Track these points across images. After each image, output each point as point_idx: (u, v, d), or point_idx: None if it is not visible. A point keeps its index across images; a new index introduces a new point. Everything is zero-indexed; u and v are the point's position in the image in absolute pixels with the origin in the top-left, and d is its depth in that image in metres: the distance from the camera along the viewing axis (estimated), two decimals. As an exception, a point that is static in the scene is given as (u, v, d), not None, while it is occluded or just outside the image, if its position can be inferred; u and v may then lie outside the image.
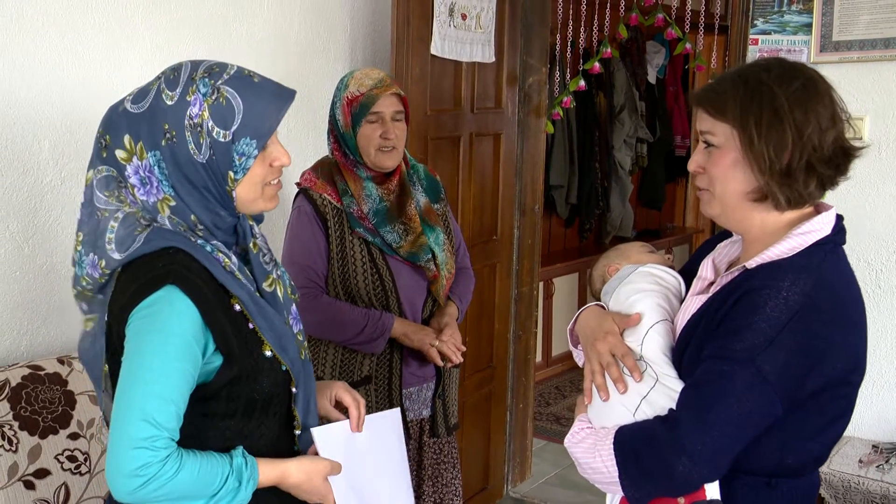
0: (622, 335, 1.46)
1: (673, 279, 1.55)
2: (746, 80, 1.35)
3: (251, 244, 1.48)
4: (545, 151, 3.88)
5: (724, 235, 1.56)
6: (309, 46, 2.90)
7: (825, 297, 1.29)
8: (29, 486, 1.99)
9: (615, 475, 1.35)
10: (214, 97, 1.36)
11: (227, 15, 2.64)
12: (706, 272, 1.48)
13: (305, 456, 1.52)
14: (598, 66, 4.50)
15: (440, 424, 2.40)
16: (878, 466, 2.63)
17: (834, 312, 1.30)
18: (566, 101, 4.47)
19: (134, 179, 1.39)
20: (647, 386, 1.39)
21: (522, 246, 3.66)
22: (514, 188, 3.57)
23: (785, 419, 1.31)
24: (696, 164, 1.41)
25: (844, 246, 1.41)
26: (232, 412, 1.43)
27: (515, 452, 3.83)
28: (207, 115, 1.36)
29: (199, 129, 1.36)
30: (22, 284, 2.22)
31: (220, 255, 1.41)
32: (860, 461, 2.67)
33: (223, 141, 1.36)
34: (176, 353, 1.32)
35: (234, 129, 1.36)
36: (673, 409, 1.34)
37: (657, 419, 1.35)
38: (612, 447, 1.36)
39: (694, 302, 1.43)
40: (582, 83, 4.45)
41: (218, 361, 1.39)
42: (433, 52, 2.97)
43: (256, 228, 1.55)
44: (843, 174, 1.36)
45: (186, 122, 1.36)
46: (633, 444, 1.35)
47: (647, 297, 1.49)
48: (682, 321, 1.44)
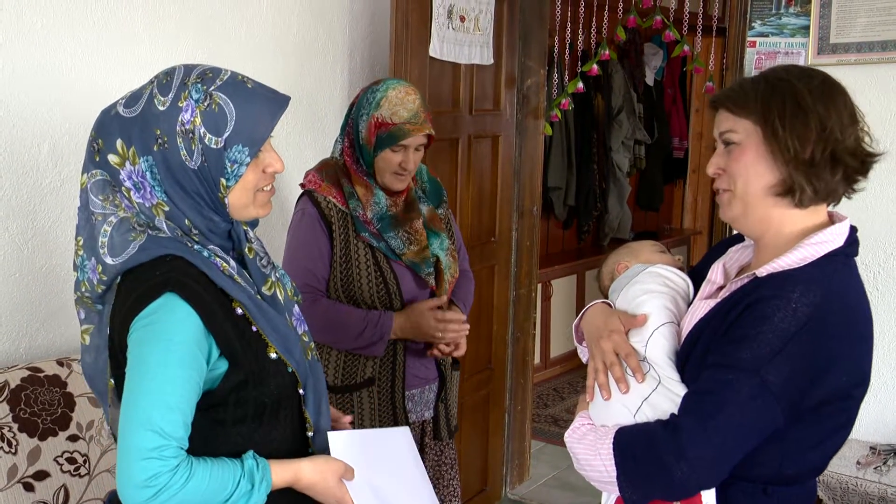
0: (627, 335, 1.46)
1: (681, 281, 1.55)
2: (766, 78, 1.37)
3: (246, 249, 1.47)
4: (543, 153, 3.89)
5: (736, 239, 1.55)
6: (308, 48, 2.91)
7: (834, 309, 1.29)
8: (28, 487, 1.99)
9: (613, 475, 1.36)
10: (207, 103, 1.34)
11: (226, 17, 2.64)
12: (716, 276, 1.47)
13: (319, 455, 1.51)
14: (596, 68, 4.50)
15: (443, 427, 2.40)
16: (875, 468, 2.63)
17: (842, 326, 1.30)
18: (564, 102, 4.48)
19: (128, 184, 1.38)
20: (649, 388, 1.39)
21: (521, 247, 3.67)
22: (512, 190, 3.57)
23: (786, 429, 1.30)
24: (715, 166, 1.40)
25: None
26: (241, 418, 1.42)
27: (514, 454, 3.83)
28: (199, 121, 1.34)
29: (190, 135, 1.34)
30: (21, 286, 2.22)
31: (217, 259, 1.40)
32: (858, 463, 2.67)
33: (215, 148, 1.35)
34: (179, 360, 1.31)
35: (226, 135, 1.35)
36: (674, 413, 1.34)
37: (658, 423, 1.34)
38: (611, 447, 1.37)
39: (702, 306, 1.43)
40: (580, 85, 4.46)
41: (223, 367, 1.38)
42: (432, 54, 2.97)
43: (251, 233, 1.54)
44: (864, 174, 1.37)
45: (178, 128, 1.35)
46: (632, 446, 1.35)
47: (654, 298, 1.49)
48: (688, 325, 1.43)
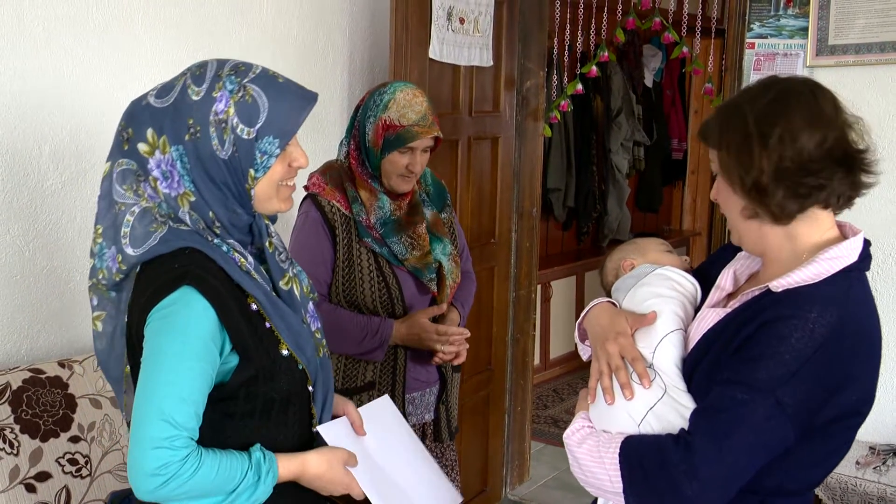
0: (633, 337, 1.43)
1: (690, 285, 1.51)
2: (727, 105, 1.38)
3: (267, 243, 1.50)
4: (543, 155, 3.89)
5: None
6: (307, 51, 2.91)
7: (850, 330, 1.28)
8: (30, 489, 1.99)
9: (618, 487, 1.34)
10: (241, 95, 1.37)
11: (226, 20, 2.65)
12: (726, 283, 1.45)
13: (323, 447, 1.53)
14: (595, 69, 4.51)
15: (444, 429, 2.41)
16: (875, 468, 2.64)
17: (856, 346, 1.29)
18: (563, 104, 4.48)
19: (156, 173, 1.40)
20: (654, 397, 1.36)
21: (520, 249, 3.67)
22: (511, 191, 3.58)
23: (793, 448, 1.30)
24: (713, 193, 1.43)
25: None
26: (251, 412, 1.45)
27: (514, 455, 3.83)
28: (233, 111, 1.37)
29: (223, 125, 1.37)
30: (23, 288, 2.23)
31: (236, 254, 1.42)
32: (857, 463, 2.68)
33: (246, 138, 1.38)
34: (193, 353, 1.34)
35: (258, 126, 1.38)
36: (681, 425, 1.32)
37: (669, 438, 1.32)
38: (617, 457, 1.34)
39: (711, 315, 1.41)
40: (579, 87, 4.46)
41: (234, 361, 1.41)
42: (431, 55, 2.98)
43: (272, 227, 1.56)
44: (853, 183, 1.32)
45: (212, 117, 1.37)
46: (641, 460, 1.32)
47: (664, 303, 1.45)
48: (696, 332, 1.41)
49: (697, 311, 1.48)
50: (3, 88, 2.15)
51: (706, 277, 1.51)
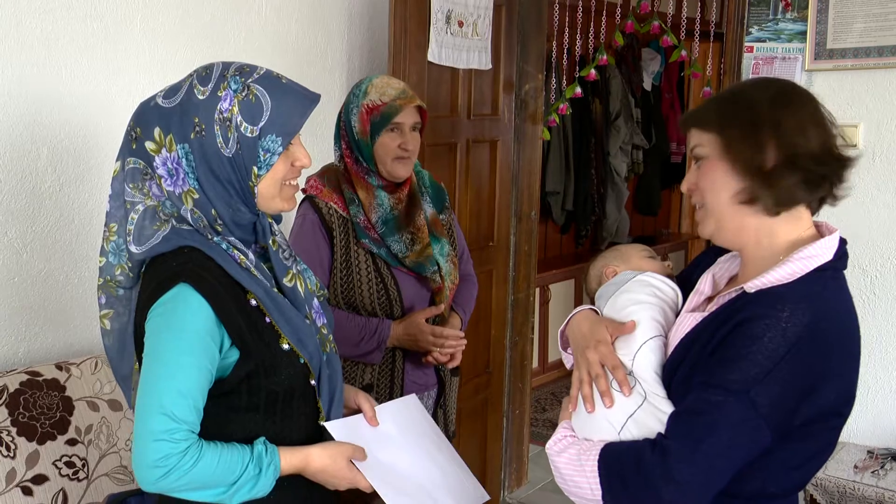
0: (614, 345, 1.43)
1: (671, 291, 1.51)
2: (727, 91, 1.40)
3: (270, 241, 1.52)
4: (541, 158, 3.90)
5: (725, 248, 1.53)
6: (306, 54, 2.91)
7: (824, 328, 1.27)
8: (27, 492, 1.99)
9: (598, 494, 1.34)
10: (245, 94, 1.41)
11: (225, 23, 2.65)
12: (704, 287, 1.45)
13: (327, 441, 1.55)
14: (593, 73, 4.51)
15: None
16: (873, 472, 2.64)
17: (831, 345, 1.29)
18: (562, 107, 4.48)
19: (162, 170, 1.44)
20: (634, 404, 1.36)
21: (519, 252, 3.67)
22: (510, 194, 3.58)
23: (773, 448, 1.29)
24: (688, 182, 1.41)
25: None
26: (254, 406, 1.48)
27: (512, 458, 3.83)
28: (237, 110, 1.41)
29: (227, 123, 1.41)
30: (20, 290, 2.23)
31: (235, 252, 1.46)
32: (855, 467, 2.68)
33: (250, 136, 1.41)
34: (191, 348, 1.38)
35: (261, 125, 1.42)
36: (660, 431, 1.32)
37: (647, 443, 1.32)
38: (596, 465, 1.34)
39: (688, 319, 1.41)
40: (578, 90, 4.47)
41: (234, 356, 1.44)
42: (430, 58, 2.98)
43: (276, 226, 1.59)
44: (836, 179, 1.34)
45: (216, 115, 1.41)
46: (619, 466, 1.33)
47: (643, 309, 1.45)
48: (675, 337, 1.41)
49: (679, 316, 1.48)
50: (1, 90, 2.15)
51: (689, 282, 1.50)
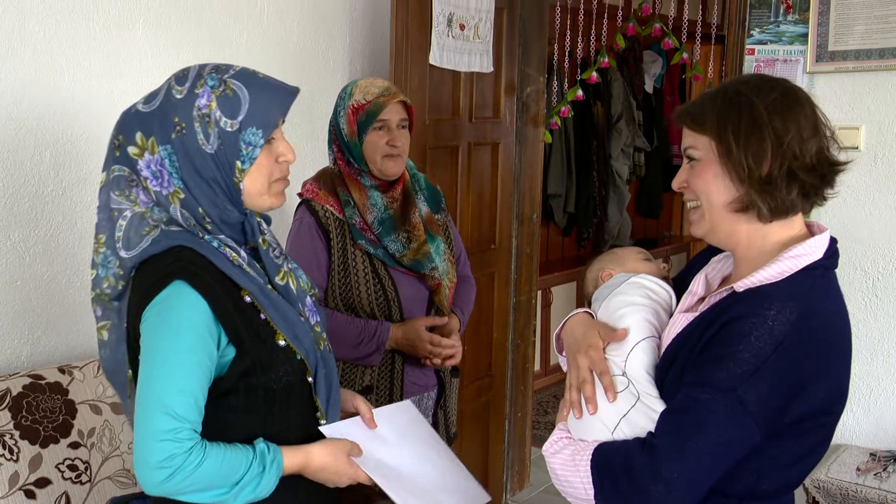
0: (606, 349, 1.44)
1: (665, 292, 1.52)
2: (724, 92, 1.35)
3: (260, 240, 1.51)
4: (543, 160, 3.90)
5: (719, 248, 1.53)
6: (308, 56, 2.92)
7: (811, 326, 1.28)
8: (30, 495, 1.99)
9: (591, 494, 1.35)
10: (222, 89, 1.41)
11: (227, 26, 2.65)
12: (697, 287, 1.46)
13: (326, 439, 1.54)
14: (595, 75, 4.52)
15: (442, 434, 2.40)
16: (875, 475, 2.64)
17: (819, 343, 1.29)
18: (564, 110, 4.49)
19: (146, 172, 1.43)
20: (627, 404, 1.37)
21: (520, 255, 3.68)
22: (512, 197, 3.58)
23: (763, 446, 1.29)
24: (679, 180, 1.40)
25: (840, 258, 1.38)
26: (252, 405, 1.46)
27: (514, 461, 3.83)
28: (215, 105, 1.40)
29: (207, 119, 1.40)
30: (23, 294, 2.23)
31: (227, 249, 1.45)
32: (858, 469, 2.68)
33: (230, 130, 1.41)
34: (189, 345, 1.36)
35: (240, 118, 1.41)
36: (652, 431, 1.33)
37: (636, 442, 1.33)
38: (589, 465, 1.35)
39: (681, 320, 1.41)
40: (579, 93, 4.48)
41: (231, 353, 1.43)
42: (432, 61, 2.99)
43: (265, 225, 1.58)
44: (829, 186, 1.34)
45: (195, 112, 1.41)
46: (610, 466, 1.34)
47: (636, 311, 1.46)
48: (668, 339, 1.42)
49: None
50: (4, 95, 2.16)
51: (686, 284, 1.51)
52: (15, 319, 2.22)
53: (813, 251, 1.32)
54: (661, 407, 1.35)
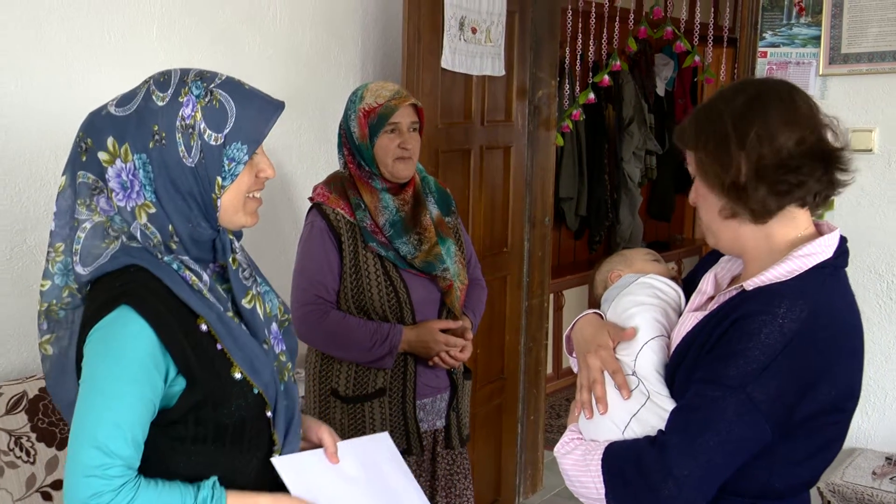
0: (616, 348, 1.44)
1: (673, 292, 1.53)
2: (705, 106, 1.38)
3: (230, 259, 1.42)
4: (555, 164, 3.90)
5: None
6: (321, 60, 2.93)
7: (821, 324, 1.28)
8: (46, 497, 2.00)
9: (602, 493, 1.35)
10: (208, 99, 1.32)
11: (240, 31, 2.67)
12: (707, 286, 1.46)
13: (279, 494, 1.42)
14: (607, 78, 4.52)
15: (454, 436, 2.41)
16: (891, 479, 2.62)
17: (829, 340, 1.29)
18: (576, 113, 4.49)
19: (114, 183, 1.33)
20: (637, 403, 1.38)
21: (532, 258, 3.68)
22: (524, 200, 3.58)
23: (775, 444, 1.30)
24: (690, 197, 1.43)
25: (851, 261, 1.38)
26: (202, 438, 1.36)
27: (527, 464, 3.83)
28: (200, 116, 1.32)
29: (190, 130, 1.31)
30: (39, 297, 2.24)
31: (187, 272, 1.35)
32: (874, 473, 2.66)
33: (214, 144, 1.32)
34: (130, 376, 1.27)
35: (226, 132, 1.32)
36: (662, 429, 1.33)
37: (646, 440, 1.34)
38: (600, 464, 1.36)
39: (690, 319, 1.42)
40: (591, 96, 4.48)
41: (181, 385, 1.33)
42: (443, 65, 2.99)
43: (237, 243, 1.49)
44: (814, 175, 1.30)
45: (178, 122, 1.32)
46: (620, 464, 1.34)
47: (645, 310, 1.47)
48: (677, 338, 1.42)
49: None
50: (24, 100, 2.17)
51: (696, 284, 1.51)
52: (31, 323, 2.22)
53: (822, 250, 1.33)
54: (671, 405, 1.35)
